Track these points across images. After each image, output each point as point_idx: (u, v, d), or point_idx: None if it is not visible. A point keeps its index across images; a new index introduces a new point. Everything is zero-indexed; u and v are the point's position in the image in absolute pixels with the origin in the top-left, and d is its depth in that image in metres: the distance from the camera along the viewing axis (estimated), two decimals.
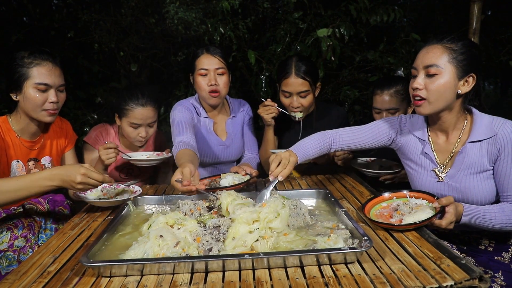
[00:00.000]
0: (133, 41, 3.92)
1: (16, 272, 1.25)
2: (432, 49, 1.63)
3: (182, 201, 1.67)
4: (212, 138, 2.47)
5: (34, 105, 1.91)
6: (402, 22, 4.83)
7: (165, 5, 3.49)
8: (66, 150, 2.25)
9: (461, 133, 1.71)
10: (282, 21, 3.77)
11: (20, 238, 1.83)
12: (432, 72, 1.60)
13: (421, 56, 1.66)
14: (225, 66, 2.33)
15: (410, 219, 1.50)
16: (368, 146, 1.94)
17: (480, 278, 1.10)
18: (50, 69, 1.92)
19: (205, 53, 2.31)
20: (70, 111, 3.98)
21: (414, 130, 1.84)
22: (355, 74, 4.00)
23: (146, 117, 2.34)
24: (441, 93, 1.60)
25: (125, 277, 1.20)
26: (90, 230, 1.60)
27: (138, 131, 2.37)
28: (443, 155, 1.76)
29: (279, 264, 1.21)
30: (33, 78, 1.89)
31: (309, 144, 1.89)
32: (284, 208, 1.51)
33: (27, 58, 1.89)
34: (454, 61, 1.59)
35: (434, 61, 1.60)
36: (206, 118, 2.47)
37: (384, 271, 1.17)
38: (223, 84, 2.33)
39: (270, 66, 3.75)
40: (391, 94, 2.34)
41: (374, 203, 1.71)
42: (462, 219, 1.54)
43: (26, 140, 2.03)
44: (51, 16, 4.03)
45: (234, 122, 2.57)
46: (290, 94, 2.37)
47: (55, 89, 1.95)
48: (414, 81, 1.66)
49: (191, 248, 1.32)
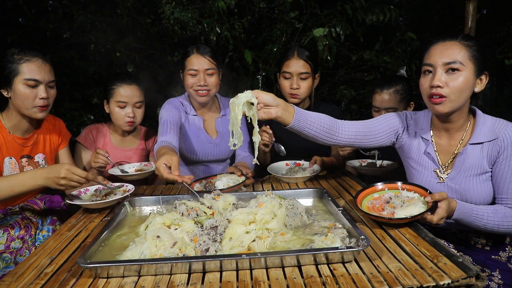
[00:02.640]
0: (129, 41, 3.90)
1: (13, 274, 1.25)
2: (450, 45, 1.58)
3: (179, 202, 1.67)
4: (202, 136, 2.48)
5: (24, 101, 1.94)
6: (398, 21, 4.83)
7: (161, 5, 3.49)
8: (60, 148, 2.28)
9: (464, 134, 1.70)
10: (278, 20, 3.77)
11: (16, 239, 1.82)
12: (454, 67, 1.55)
13: (438, 53, 1.59)
14: (214, 66, 2.36)
15: (402, 213, 1.50)
16: (374, 141, 1.82)
17: (477, 276, 1.10)
18: (39, 65, 1.95)
19: (195, 52, 2.33)
20: (66, 112, 3.97)
21: (418, 129, 1.81)
22: (352, 74, 4.01)
23: (131, 95, 2.40)
24: (462, 91, 1.57)
25: (122, 278, 1.19)
26: (87, 231, 1.60)
27: (125, 112, 2.41)
28: (445, 156, 1.75)
29: (276, 264, 1.21)
30: (23, 74, 1.91)
31: (313, 115, 1.67)
32: (280, 208, 1.52)
33: (17, 55, 1.92)
34: (472, 58, 1.56)
35: (455, 57, 1.56)
36: (195, 116, 2.49)
37: (381, 270, 1.18)
38: (212, 84, 2.36)
39: (266, 65, 3.76)
40: (390, 93, 2.35)
41: (366, 193, 1.70)
42: (454, 215, 1.54)
43: (18, 137, 2.05)
44: (47, 17, 4.01)
45: (224, 120, 2.58)
46: (290, 76, 2.41)
47: (45, 85, 1.97)
48: (432, 78, 1.60)
49: (188, 248, 1.32)
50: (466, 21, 2.95)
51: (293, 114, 1.58)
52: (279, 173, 2.25)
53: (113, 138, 2.55)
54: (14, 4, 4.04)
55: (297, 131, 1.64)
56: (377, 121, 1.85)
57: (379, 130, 1.82)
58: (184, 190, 2.13)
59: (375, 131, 1.82)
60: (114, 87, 2.39)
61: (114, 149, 2.52)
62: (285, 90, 2.46)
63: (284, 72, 2.44)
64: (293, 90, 2.42)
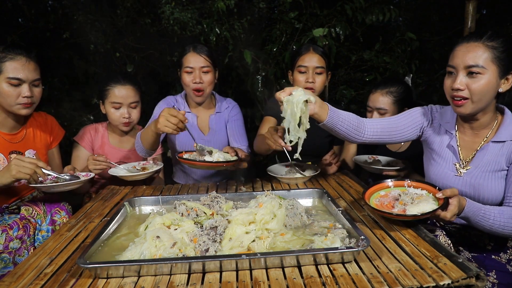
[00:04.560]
0: (129, 41, 3.91)
1: (13, 274, 1.24)
2: (473, 47, 1.56)
3: (178, 202, 1.66)
4: (194, 133, 2.49)
5: (6, 99, 1.96)
6: (397, 22, 4.84)
7: (160, 5, 3.49)
8: (52, 146, 2.30)
9: (490, 132, 1.69)
10: (278, 21, 3.77)
11: (15, 239, 1.82)
12: (475, 71, 1.54)
13: (460, 55, 1.58)
14: (210, 65, 2.40)
15: (414, 210, 1.46)
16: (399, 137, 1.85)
17: (477, 276, 1.10)
18: (23, 64, 1.95)
19: (191, 51, 2.38)
20: (66, 112, 3.97)
21: (444, 122, 1.81)
22: (351, 74, 4.02)
23: (126, 95, 2.39)
24: (484, 93, 1.56)
25: (122, 278, 1.19)
26: (87, 232, 1.60)
27: (121, 112, 2.41)
28: (467, 151, 1.75)
29: (276, 264, 1.21)
30: (6, 73, 1.93)
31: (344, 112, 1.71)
32: (280, 208, 1.52)
33: (1, 52, 1.93)
34: (496, 60, 1.54)
35: (477, 60, 1.54)
36: (189, 113, 2.53)
37: (381, 270, 1.17)
38: (207, 82, 2.40)
39: (266, 66, 3.76)
40: (383, 93, 2.34)
41: (372, 191, 1.67)
42: (463, 213, 1.52)
43: (5, 133, 2.06)
44: (47, 17, 4.01)
45: (217, 118, 2.61)
46: (306, 70, 2.45)
47: (28, 84, 1.98)
48: (453, 80, 1.60)
49: (188, 248, 1.32)
50: (466, 21, 2.95)
51: (327, 111, 1.62)
52: (279, 174, 2.25)
53: (111, 138, 2.55)
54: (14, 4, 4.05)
55: (329, 128, 1.68)
56: (402, 117, 1.87)
57: (403, 126, 1.84)
58: (183, 190, 2.13)
59: (400, 127, 1.84)
60: (108, 88, 2.39)
61: (112, 149, 2.52)
62: (300, 85, 2.46)
63: (300, 66, 2.46)
64: (309, 84, 2.45)
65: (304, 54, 2.46)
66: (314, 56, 2.44)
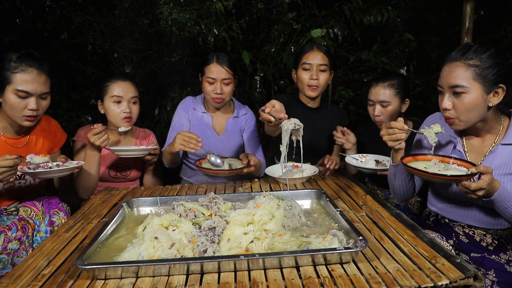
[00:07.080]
0: (127, 42, 3.90)
1: (10, 276, 1.24)
2: (455, 67, 1.58)
3: (176, 203, 1.67)
4: (208, 131, 2.57)
5: (13, 110, 1.95)
6: (395, 22, 4.85)
7: (158, 6, 3.49)
8: (53, 151, 2.29)
9: (497, 136, 1.70)
10: (276, 21, 3.77)
11: (14, 240, 1.82)
12: (458, 91, 1.57)
13: (444, 75, 1.62)
14: (231, 76, 2.47)
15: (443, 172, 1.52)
16: None
17: (475, 277, 1.10)
18: (34, 77, 1.94)
19: (214, 61, 2.44)
20: (64, 113, 3.96)
21: (447, 128, 1.81)
22: (349, 74, 4.01)
23: (126, 90, 2.40)
24: (470, 111, 1.58)
25: (120, 279, 1.19)
26: (85, 233, 1.60)
27: (121, 108, 2.40)
28: (476, 155, 1.74)
29: (274, 265, 1.21)
30: (15, 84, 1.91)
31: None
32: (278, 209, 1.52)
33: (14, 62, 1.91)
34: (479, 77, 1.54)
35: (459, 81, 1.56)
36: (204, 113, 2.61)
37: (379, 271, 1.17)
38: (227, 92, 2.49)
39: (264, 66, 3.76)
40: (385, 86, 2.37)
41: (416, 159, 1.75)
42: (494, 195, 1.51)
43: (9, 137, 2.06)
44: (44, 18, 4.00)
45: (234, 122, 2.67)
46: (310, 67, 2.50)
47: (36, 97, 1.97)
48: (441, 100, 1.64)
49: (186, 249, 1.32)
50: (464, 22, 2.95)
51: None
52: (277, 175, 2.25)
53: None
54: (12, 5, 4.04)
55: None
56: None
57: None
58: (182, 191, 2.13)
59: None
60: (108, 84, 2.39)
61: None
62: (304, 83, 2.54)
63: (304, 63, 2.51)
64: (313, 81, 2.50)
65: (308, 52, 2.52)
66: (318, 54, 2.50)
